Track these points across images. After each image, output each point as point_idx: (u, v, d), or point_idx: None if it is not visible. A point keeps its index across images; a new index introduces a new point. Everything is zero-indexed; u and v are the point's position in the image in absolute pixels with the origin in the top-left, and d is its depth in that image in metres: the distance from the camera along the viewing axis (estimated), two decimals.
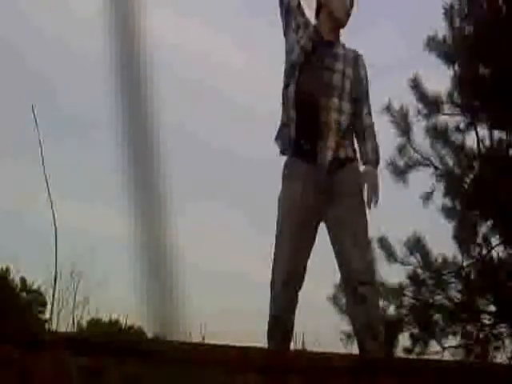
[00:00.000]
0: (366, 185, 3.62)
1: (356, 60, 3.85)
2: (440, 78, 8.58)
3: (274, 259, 3.57)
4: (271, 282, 3.57)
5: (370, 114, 3.80)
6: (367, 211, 3.61)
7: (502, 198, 7.76)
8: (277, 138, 3.73)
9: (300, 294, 3.58)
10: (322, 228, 3.67)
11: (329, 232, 3.60)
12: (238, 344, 3.31)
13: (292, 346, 3.68)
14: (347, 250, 3.51)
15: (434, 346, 8.15)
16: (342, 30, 3.89)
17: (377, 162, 3.72)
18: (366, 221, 3.61)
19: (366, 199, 3.59)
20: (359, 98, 3.77)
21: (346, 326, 8.09)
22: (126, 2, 1.36)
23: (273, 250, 3.60)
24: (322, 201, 3.56)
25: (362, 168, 3.73)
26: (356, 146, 3.75)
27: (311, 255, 3.60)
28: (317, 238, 3.65)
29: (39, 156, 3.17)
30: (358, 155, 3.74)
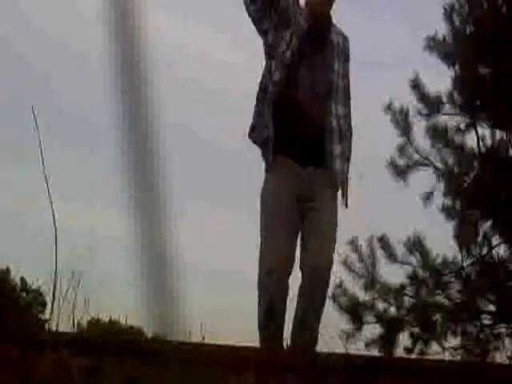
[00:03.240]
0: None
1: (345, 49, 3.77)
2: (440, 78, 8.57)
3: (260, 252, 3.58)
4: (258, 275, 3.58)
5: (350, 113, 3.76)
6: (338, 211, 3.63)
7: (502, 198, 7.75)
8: (258, 133, 3.63)
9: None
10: None
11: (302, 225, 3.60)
12: (237, 344, 3.30)
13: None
14: (310, 243, 3.52)
15: (434, 345, 8.16)
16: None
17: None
18: (336, 220, 3.62)
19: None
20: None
21: (346, 325, 8.14)
22: (125, 2, 1.36)
23: (259, 245, 3.60)
24: (304, 199, 3.57)
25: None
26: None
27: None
28: None
29: (39, 156, 3.17)
30: None
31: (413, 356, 7.90)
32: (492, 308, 8.19)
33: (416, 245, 8.35)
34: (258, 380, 2.56)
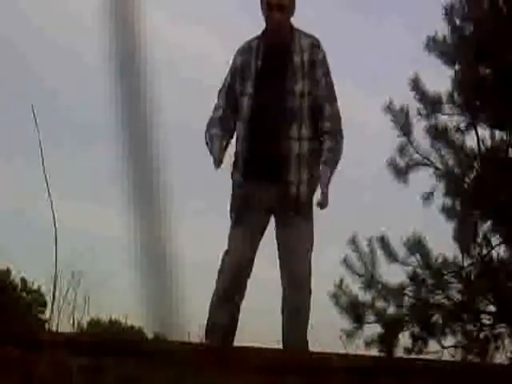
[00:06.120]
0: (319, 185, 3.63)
1: (312, 58, 3.69)
2: (440, 78, 8.57)
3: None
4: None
5: (331, 115, 3.68)
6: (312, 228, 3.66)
7: (502, 198, 7.75)
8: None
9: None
10: (318, 228, 3.67)
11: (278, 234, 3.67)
12: (237, 344, 3.30)
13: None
14: (286, 259, 3.60)
15: (433, 345, 8.16)
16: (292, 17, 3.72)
17: (331, 162, 3.66)
18: (311, 231, 3.65)
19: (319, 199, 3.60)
20: (319, 103, 3.67)
21: (347, 324, 8.14)
22: (125, 2, 1.36)
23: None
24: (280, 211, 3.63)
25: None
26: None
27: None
28: (315, 236, 3.69)
29: (39, 156, 3.18)
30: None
31: (413, 356, 7.90)
32: (492, 308, 8.19)
33: (416, 245, 8.34)
34: (258, 380, 2.56)
